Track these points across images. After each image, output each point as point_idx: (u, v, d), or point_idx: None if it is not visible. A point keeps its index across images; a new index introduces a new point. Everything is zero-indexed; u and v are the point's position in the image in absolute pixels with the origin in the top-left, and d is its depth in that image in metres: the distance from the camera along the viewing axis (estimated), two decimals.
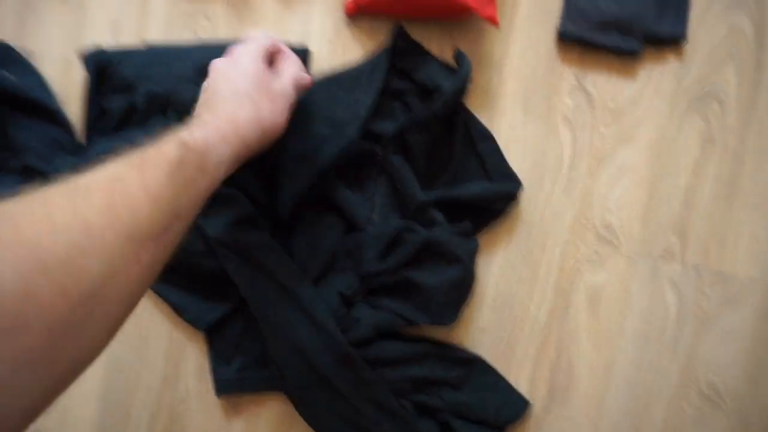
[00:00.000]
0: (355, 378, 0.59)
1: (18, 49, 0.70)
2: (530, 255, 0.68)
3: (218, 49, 0.63)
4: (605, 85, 0.68)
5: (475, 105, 0.67)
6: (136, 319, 0.69)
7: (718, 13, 0.68)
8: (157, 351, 0.69)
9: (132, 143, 0.45)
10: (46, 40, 0.70)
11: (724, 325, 0.68)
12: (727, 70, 0.68)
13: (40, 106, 0.68)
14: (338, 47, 0.69)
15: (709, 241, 0.68)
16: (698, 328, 0.68)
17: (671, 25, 0.67)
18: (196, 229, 0.63)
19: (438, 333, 0.66)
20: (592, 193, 0.69)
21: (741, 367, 0.68)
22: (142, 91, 0.67)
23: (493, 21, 0.62)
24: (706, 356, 0.68)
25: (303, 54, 0.68)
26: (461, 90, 0.61)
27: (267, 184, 0.63)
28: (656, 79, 0.68)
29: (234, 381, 0.68)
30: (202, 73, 0.57)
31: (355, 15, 0.68)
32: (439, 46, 0.68)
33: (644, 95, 0.69)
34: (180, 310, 0.68)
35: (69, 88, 0.70)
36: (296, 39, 0.69)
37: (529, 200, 0.68)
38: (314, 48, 0.69)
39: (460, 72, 0.60)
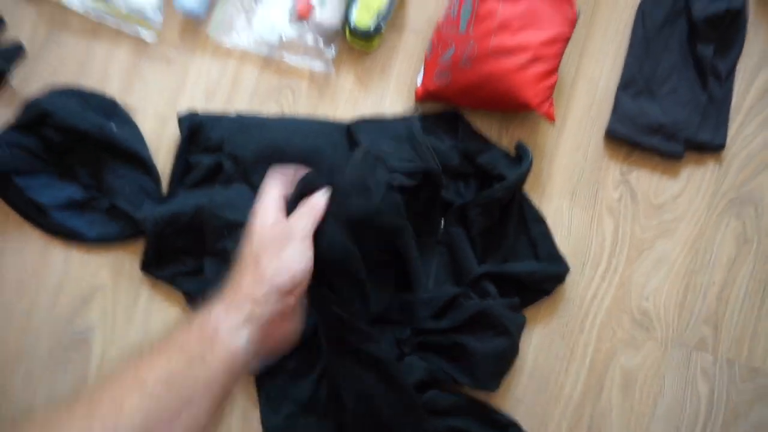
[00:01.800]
0: (414, 427, 0.62)
1: (122, 105, 0.79)
2: (569, 334, 0.72)
3: (297, 123, 0.71)
4: (648, 182, 0.74)
5: (526, 188, 0.73)
6: None
7: (755, 126, 0.74)
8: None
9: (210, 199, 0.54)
10: (148, 98, 0.79)
11: (753, 420, 0.70)
12: (762, 178, 0.74)
13: (134, 156, 0.76)
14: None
15: (742, 336, 0.72)
16: (728, 420, 0.71)
17: (712, 134, 0.73)
18: None
19: (477, 395, 0.70)
20: (631, 281, 0.73)
21: None
22: (226, 154, 0.74)
23: (550, 118, 0.69)
24: None
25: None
26: (522, 180, 0.67)
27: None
28: (697, 181, 0.74)
29: (282, 428, 0.72)
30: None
31: (423, 100, 0.76)
32: (498, 132, 0.75)
33: (685, 194, 0.74)
34: None
35: (162, 142, 0.78)
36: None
37: (570, 282, 0.73)
38: None
39: (523, 164, 0.67)
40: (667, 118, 0.73)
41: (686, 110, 0.73)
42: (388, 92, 0.78)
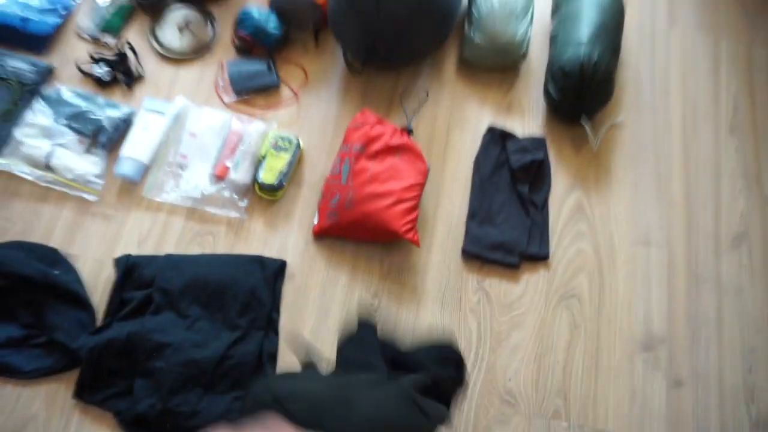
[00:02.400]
0: None
1: (63, 253, 0.93)
2: (454, 415, 0.87)
3: (216, 258, 0.89)
4: (498, 286, 0.96)
5: (403, 300, 0.92)
6: None
7: (569, 239, 1.00)
8: None
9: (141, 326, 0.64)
10: (88, 248, 0.94)
11: None
12: (581, 277, 0.97)
13: (73, 296, 0.89)
14: (306, 259, 0.95)
15: (586, 403, 0.89)
16: None
17: (538, 248, 0.97)
18: None
19: None
20: (496, 367, 0.91)
21: None
22: (156, 288, 0.89)
23: (416, 243, 0.91)
24: None
25: (281, 265, 0.93)
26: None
27: None
28: (534, 283, 0.96)
29: None
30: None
31: (319, 236, 0.96)
32: (380, 258, 0.95)
33: (526, 295, 0.96)
34: None
35: (99, 283, 0.92)
36: (277, 253, 0.95)
37: None
38: (289, 259, 0.95)
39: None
40: (504, 238, 0.97)
41: (517, 232, 0.98)
42: (292, 232, 0.98)
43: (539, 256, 0.97)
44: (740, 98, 1.13)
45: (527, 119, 1.08)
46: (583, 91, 0.99)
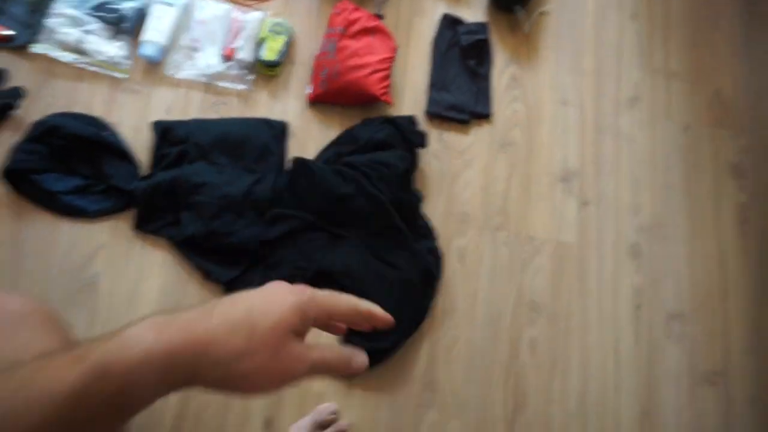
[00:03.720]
0: None
1: (106, 121, 1.14)
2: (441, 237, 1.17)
3: (234, 120, 1.13)
4: (453, 138, 1.24)
5: None
6: (179, 280, 1.08)
7: (506, 101, 1.28)
8: (190, 303, 1.07)
9: (181, 172, 0.92)
10: (124, 118, 1.16)
11: (534, 267, 1.19)
12: (515, 130, 1.27)
13: (122, 152, 1.12)
14: (304, 120, 1.20)
15: (519, 220, 1.21)
16: (522, 269, 1.18)
17: (483, 107, 1.26)
18: (225, 219, 1.07)
19: None
20: (452, 196, 1.21)
21: (549, 288, 1.18)
22: (190, 144, 1.13)
23: (389, 102, 1.18)
24: (528, 284, 1.17)
25: (284, 125, 1.18)
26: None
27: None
28: (480, 135, 1.26)
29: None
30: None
31: (313, 102, 1.21)
32: (361, 116, 1.22)
33: (475, 143, 1.25)
34: (208, 272, 1.08)
35: (137, 145, 1.14)
36: (279, 117, 1.20)
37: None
38: (290, 121, 1.19)
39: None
40: (457, 100, 1.25)
41: (466, 96, 1.25)
42: (290, 100, 1.22)
43: (483, 114, 1.26)
44: None
45: (473, 8, 1.34)
46: None
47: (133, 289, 1.08)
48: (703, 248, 1.25)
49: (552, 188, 1.25)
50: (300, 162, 1.11)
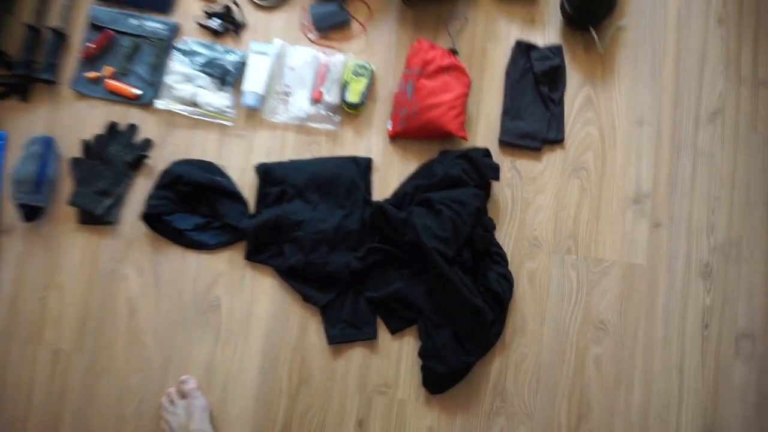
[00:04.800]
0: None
1: (218, 165, 1.34)
2: (500, 238, 1.28)
3: (324, 160, 1.28)
4: (526, 165, 1.31)
5: None
6: (284, 302, 1.28)
7: (579, 126, 1.32)
8: (294, 323, 1.28)
9: (282, 210, 1.09)
10: (232, 160, 1.35)
11: (602, 288, 1.27)
12: (588, 154, 1.31)
13: (232, 194, 1.31)
14: (385, 156, 1.33)
15: (589, 243, 1.28)
16: (589, 290, 1.27)
17: (556, 133, 1.31)
18: (322, 250, 1.24)
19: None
20: (525, 222, 1.30)
21: (616, 308, 1.26)
22: (287, 184, 1.30)
23: (464, 137, 1.26)
24: (595, 305, 1.26)
25: (368, 161, 1.31)
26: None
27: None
28: (552, 160, 1.31)
29: (339, 335, 1.26)
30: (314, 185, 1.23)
31: (393, 138, 1.33)
32: (438, 147, 1.32)
33: (547, 169, 1.31)
34: (307, 297, 1.27)
35: (244, 184, 1.33)
36: (364, 153, 1.33)
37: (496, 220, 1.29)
38: (373, 157, 1.32)
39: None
40: (530, 128, 1.30)
41: (539, 123, 1.31)
42: (372, 136, 1.34)
43: (556, 140, 1.31)
44: None
45: (547, 31, 1.36)
46: (590, 6, 1.26)
47: (248, 309, 1.30)
48: None
49: (623, 211, 1.29)
50: (378, 208, 1.25)
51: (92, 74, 1.39)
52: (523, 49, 1.34)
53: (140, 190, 1.34)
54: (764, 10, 1.35)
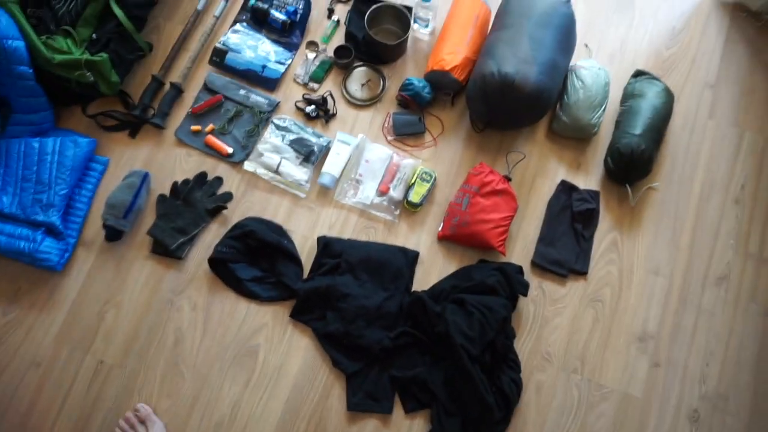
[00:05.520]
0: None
1: (285, 228, 1.52)
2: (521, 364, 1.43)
3: (378, 245, 1.46)
4: (552, 288, 1.49)
5: None
6: (314, 362, 1.42)
7: (603, 264, 1.51)
8: (320, 383, 1.41)
9: (334, 281, 1.27)
10: (298, 227, 1.53)
11: (599, 411, 1.41)
12: (605, 290, 1.49)
13: (292, 256, 1.49)
14: (431, 253, 1.51)
15: (594, 367, 1.44)
16: (587, 410, 1.41)
17: (582, 266, 1.50)
18: (357, 325, 1.40)
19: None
20: (541, 337, 1.45)
21: (608, 430, 1.39)
22: (343, 259, 1.47)
23: (503, 253, 1.45)
24: (590, 425, 1.40)
25: (416, 254, 1.50)
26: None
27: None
28: (574, 288, 1.49)
29: (359, 404, 1.39)
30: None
31: (441, 240, 1.51)
32: (478, 255, 1.50)
33: (568, 295, 1.49)
34: (337, 362, 1.42)
35: (304, 249, 1.51)
36: (413, 246, 1.51)
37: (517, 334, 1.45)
38: (421, 251, 1.51)
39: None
40: (560, 256, 1.49)
41: (569, 254, 1.50)
42: (423, 234, 1.53)
43: (581, 272, 1.50)
44: (749, 179, 1.58)
45: (589, 177, 1.58)
46: (630, 167, 1.48)
47: (281, 361, 1.44)
48: (760, 429, 1.40)
49: (628, 345, 1.46)
50: (418, 298, 1.42)
51: (196, 127, 1.60)
52: (566, 188, 1.55)
53: (212, 235, 1.52)
54: None
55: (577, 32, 1.54)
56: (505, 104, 1.45)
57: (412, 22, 1.62)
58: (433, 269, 1.51)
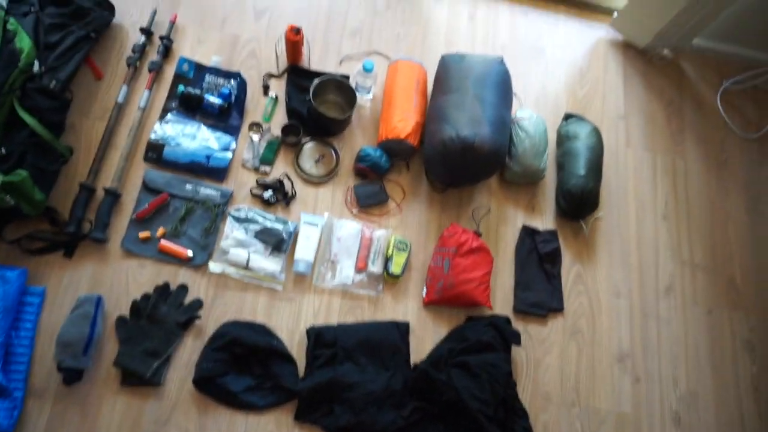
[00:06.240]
0: None
1: (270, 327, 1.43)
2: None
3: (369, 324, 1.44)
4: (536, 329, 1.57)
5: None
6: None
7: (574, 296, 1.62)
8: None
9: (335, 373, 1.24)
10: (282, 322, 1.45)
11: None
12: (582, 321, 1.60)
13: (284, 355, 1.40)
14: (420, 319, 1.52)
15: (588, 395, 1.53)
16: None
17: (557, 303, 1.59)
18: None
19: None
20: (537, 378, 1.52)
21: None
22: (338, 347, 1.42)
23: (489, 306, 1.50)
24: None
25: (407, 325, 1.49)
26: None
27: None
28: (555, 325, 1.58)
29: None
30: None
31: (428, 305, 1.53)
32: (464, 313, 1.53)
33: (551, 333, 1.58)
34: None
35: (293, 345, 1.43)
36: (402, 317, 1.50)
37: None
38: (410, 320, 1.50)
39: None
40: (538, 298, 1.58)
41: (545, 294, 1.59)
42: (408, 301, 1.53)
43: (557, 309, 1.60)
44: (669, 195, 1.80)
45: (545, 217, 1.69)
46: (581, 205, 1.61)
47: None
48: (727, 415, 1.59)
49: (611, 367, 1.58)
50: (422, 371, 1.41)
51: (144, 234, 1.46)
52: (528, 233, 1.65)
53: (188, 350, 1.39)
54: (694, 209, 1.79)
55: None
56: (465, 165, 1.50)
57: (357, 92, 1.62)
58: (426, 335, 1.51)
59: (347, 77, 1.66)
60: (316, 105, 1.57)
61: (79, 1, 1.55)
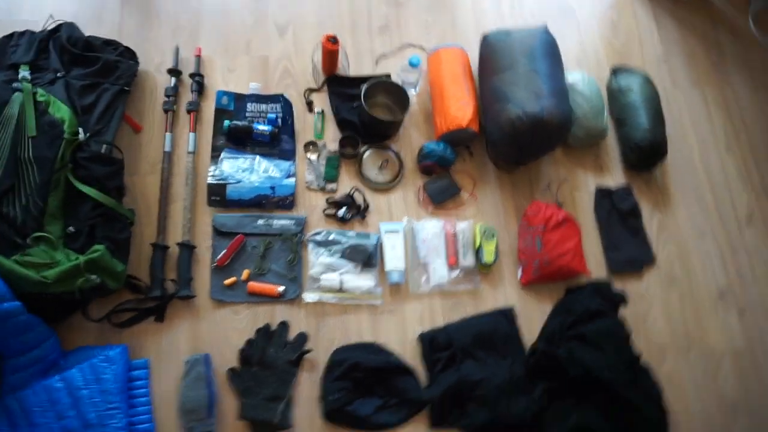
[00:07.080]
0: None
1: (380, 343, 1.39)
2: None
3: (478, 317, 1.41)
4: (634, 286, 1.55)
5: None
6: None
7: (661, 246, 1.60)
8: None
9: (459, 373, 1.22)
10: (388, 335, 1.41)
11: (723, 375, 1.50)
12: (675, 266, 1.59)
13: (403, 369, 1.37)
14: (522, 301, 1.49)
15: (698, 332, 1.52)
16: (714, 378, 1.49)
17: (647, 255, 1.58)
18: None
19: None
20: (646, 324, 1.51)
21: (741, 389, 1.49)
22: (455, 347, 1.39)
23: (588, 274, 1.48)
24: (722, 389, 1.48)
25: (512, 311, 1.46)
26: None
27: None
28: (651, 278, 1.57)
29: None
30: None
31: (526, 285, 1.50)
32: (562, 285, 1.51)
33: (649, 286, 1.56)
34: None
35: (405, 354, 1.40)
36: (504, 303, 1.48)
37: None
38: (513, 304, 1.48)
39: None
40: (629, 255, 1.56)
41: (635, 250, 1.57)
42: (505, 287, 1.50)
43: (650, 261, 1.58)
44: (727, 125, 1.79)
45: (614, 174, 1.67)
46: (651, 156, 1.59)
47: None
48: None
49: (715, 306, 1.57)
50: (542, 352, 1.39)
51: (230, 280, 1.40)
52: (604, 194, 1.62)
53: (306, 386, 1.35)
54: (754, 132, 1.78)
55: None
56: (534, 141, 1.47)
57: (409, 91, 1.57)
58: (533, 315, 1.49)
59: (389, 76, 1.61)
60: (369, 110, 1.51)
61: (104, 55, 1.48)
